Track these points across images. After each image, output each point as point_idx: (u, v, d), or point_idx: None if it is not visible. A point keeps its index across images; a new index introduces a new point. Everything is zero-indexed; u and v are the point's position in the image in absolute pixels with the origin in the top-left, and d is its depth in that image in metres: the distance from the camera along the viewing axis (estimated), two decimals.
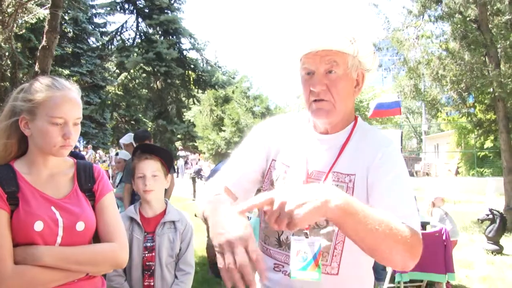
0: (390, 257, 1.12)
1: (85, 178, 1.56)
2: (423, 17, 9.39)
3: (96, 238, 1.56)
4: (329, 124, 1.37)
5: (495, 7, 8.66)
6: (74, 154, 1.68)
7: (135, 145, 5.37)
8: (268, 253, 1.40)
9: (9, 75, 16.23)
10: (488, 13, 8.55)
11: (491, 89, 8.30)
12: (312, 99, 1.32)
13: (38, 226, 1.39)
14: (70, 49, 24.13)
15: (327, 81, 1.29)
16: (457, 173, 19.54)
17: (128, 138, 6.17)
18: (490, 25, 8.55)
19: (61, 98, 1.45)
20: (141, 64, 19.91)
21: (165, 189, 2.34)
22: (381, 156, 1.29)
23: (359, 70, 1.35)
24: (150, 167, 2.20)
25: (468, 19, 8.59)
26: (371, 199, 1.25)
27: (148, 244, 2.15)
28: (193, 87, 21.95)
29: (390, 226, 1.09)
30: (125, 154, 6.06)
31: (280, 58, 1.44)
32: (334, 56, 1.29)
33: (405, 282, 4.24)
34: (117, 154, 8.54)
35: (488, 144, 15.52)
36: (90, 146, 23.34)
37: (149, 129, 21.65)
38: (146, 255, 2.14)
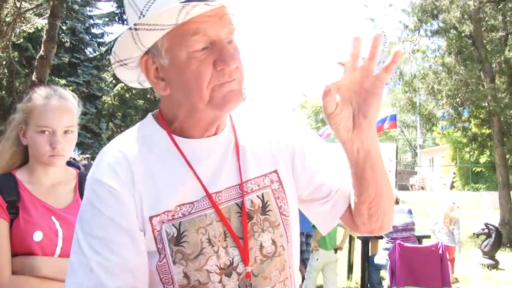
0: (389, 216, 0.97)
1: None
2: (419, 32, 9.52)
3: None
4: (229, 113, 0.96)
5: (489, 23, 8.80)
6: (70, 165, 1.66)
7: None
8: None
9: (5, 84, 16.21)
10: (483, 29, 8.68)
11: (486, 104, 8.37)
12: (219, 83, 0.84)
13: (38, 236, 1.36)
14: (67, 59, 24.15)
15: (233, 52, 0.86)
16: (452, 187, 19.57)
17: None
18: (484, 41, 8.68)
19: (48, 106, 1.44)
20: None
21: None
22: (283, 123, 1.02)
23: None
24: None
25: (463, 34, 8.72)
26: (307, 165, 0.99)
27: None
28: None
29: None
30: None
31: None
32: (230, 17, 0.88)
33: None
34: None
35: (484, 158, 15.59)
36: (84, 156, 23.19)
37: None
38: None
